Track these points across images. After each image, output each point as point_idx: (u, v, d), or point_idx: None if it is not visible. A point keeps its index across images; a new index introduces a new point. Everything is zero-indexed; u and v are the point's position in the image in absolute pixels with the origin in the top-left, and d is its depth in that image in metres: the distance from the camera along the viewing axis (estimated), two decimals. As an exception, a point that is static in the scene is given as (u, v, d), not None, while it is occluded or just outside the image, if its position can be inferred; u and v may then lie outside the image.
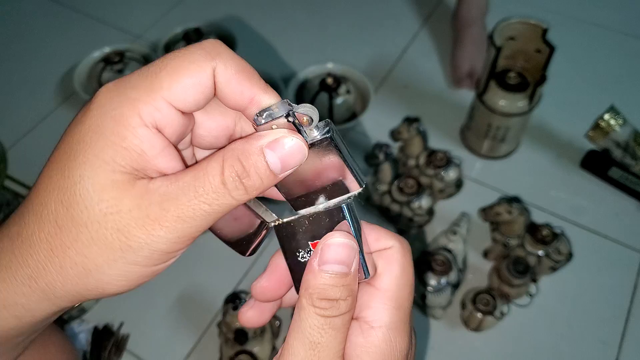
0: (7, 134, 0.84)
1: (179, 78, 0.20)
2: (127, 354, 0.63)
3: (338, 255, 0.21)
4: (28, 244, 0.20)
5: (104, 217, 0.19)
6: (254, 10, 1.03)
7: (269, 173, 0.20)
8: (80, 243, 0.20)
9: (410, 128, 0.72)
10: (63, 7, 1.04)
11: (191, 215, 0.19)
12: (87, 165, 0.19)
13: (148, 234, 0.19)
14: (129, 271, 0.20)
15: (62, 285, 0.20)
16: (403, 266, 0.23)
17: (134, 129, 0.20)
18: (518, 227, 0.66)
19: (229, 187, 0.20)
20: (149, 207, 0.19)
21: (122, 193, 0.19)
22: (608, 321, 0.65)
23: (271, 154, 0.20)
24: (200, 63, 0.20)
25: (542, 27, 0.67)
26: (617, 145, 0.71)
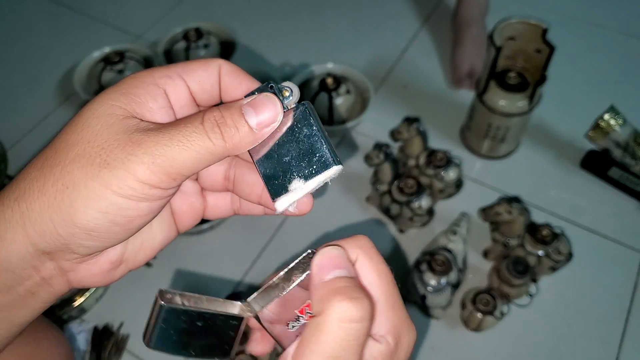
0: (8, 134, 0.84)
1: (191, 64, 0.24)
2: (127, 354, 0.63)
3: (336, 263, 0.21)
4: (24, 172, 0.22)
5: (94, 137, 0.21)
6: (254, 10, 1.03)
7: (245, 125, 0.22)
8: (67, 160, 0.21)
9: (410, 128, 0.72)
10: (63, 7, 1.04)
11: (168, 143, 0.21)
12: (96, 103, 0.23)
13: (127, 153, 0.21)
14: (102, 197, 0.21)
15: (39, 207, 0.21)
16: (377, 270, 0.22)
17: (145, 83, 0.23)
18: (518, 227, 0.66)
19: (206, 128, 0.22)
20: (133, 133, 0.21)
21: (115, 122, 0.22)
22: (608, 321, 0.65)
23: (248, 109, 0.22)
24: (208, 59, 0.25)
25: (542, 27, 0.67)
26: (617, 145, 0.71)
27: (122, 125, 0.22)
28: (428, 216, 0.71)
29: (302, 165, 0.23)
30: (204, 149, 0.21)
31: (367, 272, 0.22)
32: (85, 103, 0.23)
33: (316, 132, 0.23)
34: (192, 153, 0.21)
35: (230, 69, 0.25)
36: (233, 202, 0.29)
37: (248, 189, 0.26)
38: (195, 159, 0.21)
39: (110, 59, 0.84)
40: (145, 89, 0.23)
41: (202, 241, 0.72)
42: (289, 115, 0.23)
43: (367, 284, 0.22)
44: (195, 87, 0.24)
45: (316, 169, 0.23)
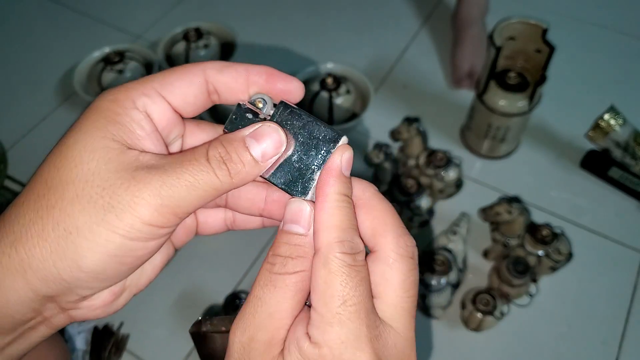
0: (7, 134, 0.84)
1: (170, 76, 0.22)
2: (127, 354, 0.63)
3: (294, 216, 0.22)
4: (17, 211, 0.21)
5: (92, 175, 0.20)
6: (254, 10, 1.03)
7: (250, 159, 0.22)
8: (65, 201, 0.20)
9: (410, 128, 0.72)
10: (63, 7, 1.04)
11: (176, 183, 0.20)
12: (82, 132, 0.21)
13: (132, 195, 0.20)
14: (109, 240, 0.20)
15: (40, 254, 0.20)
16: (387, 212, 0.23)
17: (126, 109, 0.21)
18: (518, 227, 0.66)
19: (212, 165, 0.21)
20: (136, 170, 0.20)
21: (112, 156, 0.20)
22: (608, 321, 0.65)
23: (251, 141, 0.22)
24: (189, 66, 0.23)
25: (542, 27, 0.67)
26: (617, 145, 0.71)
27: (121, 161, 0.20)
28: (428, 216, 0.71)
29: (313, 154, 0.23)
30: (210, 186, 0.21)
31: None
32: (86, 103, 0.22)
33: (307, 119, 0.23)
34: (199, 192, 0.21)
35: (218, 67, 0.23)
36: (226, 219, 0.28)
37: (248, 203, 0.26)
38: (202, 197, 0.21)
39: (110, 59, 0.84)
40: (128, 115, 0.21)
41: (202, 241, 0.72)
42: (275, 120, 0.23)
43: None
44: (177, 103, 0.23)
45: (327, 149, 0.23)
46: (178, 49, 0.86)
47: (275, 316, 0.20)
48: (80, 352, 0.63)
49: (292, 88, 0.23)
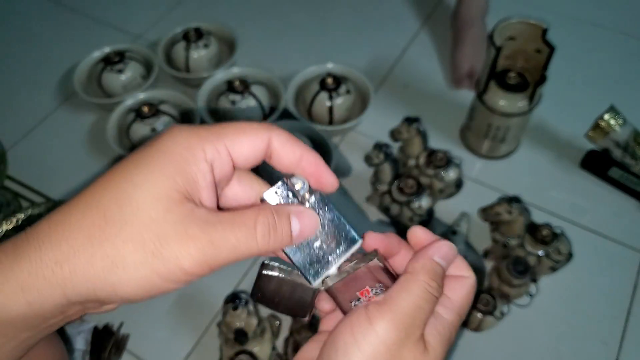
0: (7, 134, 0.84)
1: (241, 135, 0.25)
2: (127, 354, 0.63)
3: (447, 255, 0.27)
4: (68, 230, 0.22)
5: (151, 222, 0.22)
6: (254, 10, 1.03)
7: (289, 233, 0.25)
8: (119, 238, 0.22)
9: (410, 128, 0.72)
10: (63, 7, 1.04)
11: (221, 244, 0.22)
12: (150, 176, 0.22)
13: (181, 248, 0.22)
14: (149, 279, 0.22)
15: (83, 275, 0.22)
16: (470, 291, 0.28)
17: (197, 159, 0.23)
18: (518, 227, 0.66)
19: (258, 233, 0.23)
20: (190, 225, 0.22)
21: (173, 207, 0.22)
22: (608, 321, 0.65)
23: (295, 220, 0.25)
24: (260, 130, 0.25)
25: (542, 27, 0.67)
26: (617, 145, 0.71)
27: (180, 212, 0.22)
28: (428, 216, 0.71)
29: (332, 246, 0.27)
30: (249, 251, 0.23)
31: (464, 289, 0.28)
32: (86, 103, 0.22)
33: (336, 214, 0.27)
34: (238, 254, 0.23)
35: (282, 138, 0.25)
36: None
37: (232, 202, 0.28)
38: (238, 258, 0.23)
39: (110, 59, 0.84)
40: (197, 166, 0.23)
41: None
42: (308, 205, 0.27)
43: (457, 292, 0.28)
44: (239, 160, 0.25)
45: (346, 247, 0.27)
46: (178, 49, 0.86)
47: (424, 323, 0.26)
48: (80, 353, 0.63)
49: (329, 184, 0.27)
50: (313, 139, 0.78)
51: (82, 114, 0.87)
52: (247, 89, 0.79)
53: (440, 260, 0.27)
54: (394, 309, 0.25)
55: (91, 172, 0.80)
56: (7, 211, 0.73)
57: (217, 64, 0.89)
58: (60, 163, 0.81)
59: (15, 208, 0.75)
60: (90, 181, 0.24)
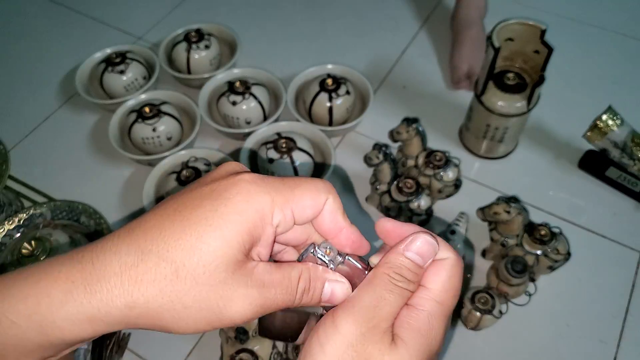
0: (9, 134, 0.84)
1: (306, 198, 0.26)
2: (128, 353, 0.64)
3: (421, 249, 0.27)
4: (141, 279, 0.23)
5: (218, 284, 0.23)
6: (255, 11, 1.03)
7: (319, 298, 0.26)
8: (188, 297, 0.23)
9: (409, 128, 0.73)
10: (64, 8, 1.04)
11: (270, 305, 0.25)
12: (222, 240, 0.23)
13: (242, 308, 0.24)
14: (200, 328, 0.24)
15: (149, 320, 0.23)
16: (451, 273, 0.27)
17: (265, 224, 0.25)
18: (516, 227, 0.66)
19: (297, 292, 0.26)
20: (252, 289, 0.24)
21: (238, 270, 0.24)
22: (606, 320, 0.66)
23: (329, 288, 0.26)
24: (321, 192, 0.26)
25: (540, 28, 0.68)
26: (615, 145, 0.72)
27: (243, 275, 0.24)
28: (427, 216, 0.72)
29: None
30: (284, 303, 0.25)
31: (443, 272, 0.27)
32: (87, 103, 0.23)
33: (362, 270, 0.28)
34: (275, 306, 0.25)
35: (333, 207, 0.27)
36: None
37: (293, 242, 0.30)
38: (273, 308, 0.25)
39: (111, 60, 0.84)
40: (265, 230, 0.25)
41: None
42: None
43: (435, 276, 0.27)
44: (299, 220, 0.27)
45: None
46: (179, 50, 0.87)
47: (394, 315, 0.26)
48: (82, 351, 0.63)
49: (364, 249, 0.29)
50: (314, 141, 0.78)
51: (83, 114, 0.88)
52: (248, 89, 0.80)
53: (413, 255, 0.26)
54: (355, 303, 0.25)
55: (92, 172, 0.80)
56: (9, 211, 0.73)
57: (218, 65, 0.90)
58: (62, 163, 0.82)
59: (17, 208, 0.75)
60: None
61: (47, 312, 0.23)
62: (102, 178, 0.79)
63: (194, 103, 0.82)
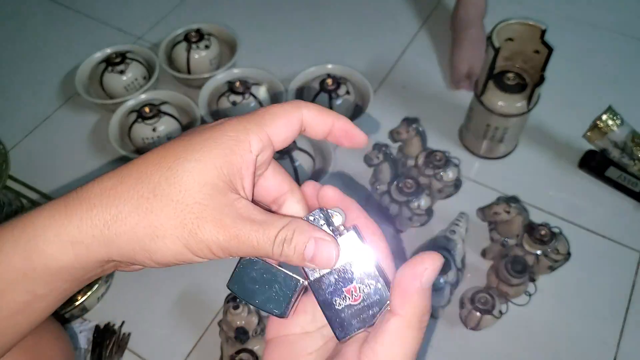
0: (9, 134, 0.84)
1: (278, 120, 0.26)
2: (128, 353, 0.64)
3: (433, 277, 0.25)
4: (119, 198, 0.24)
5: (194, 204, 0.24)
6: (255, 11, 1.03)
7: (301, 254, 0.25)
8: (164, 213, 0.24)
9: (409, 128, 0.73)
10: (65, 8, 1.04)
11: (244, 241, 0.24)
12: (201, 164, 0.24)
13: (214, 231, 0.24)
14: (181, 251, 0.24)
15: (127, 239, 0.24)
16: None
17: (244, 152, 0.25)
18: (516, 227, 0.66)
19: (275, 242, 0.25)
20: (228, 215, 0.24)
21: (216, 195, 0.24)
22: (606, 320, 0.66)
23: (311, 245, 0.25)
24: (292, 110, 0.27)
25: (540, 28, 0.68)
26: (615, 145, 0.72)
27: (221, 201, 0.24)
28: (427, 216, 0.72)
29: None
30: (264, 253, 0.25)
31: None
32: (87, 103, 0.24)
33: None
34: (254, 252, 0.25)
35: (313, 113, 0.27)
36: None
37: (263, 191, 0.29)
38: (253, 254, 0.25)
39: (111, 60, 0.84)
40: (243, 158, 0.25)
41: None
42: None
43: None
44: (278, 143, 0.27)
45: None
46: (179, 50, 0.87)
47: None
48: (82, 351, 0.63)
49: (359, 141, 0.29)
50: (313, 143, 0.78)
51: (83, 114, 0.88)
52: (248, 89, 0.80)
53: (428, 285, 0.25)
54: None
55: (93, 172, 0.80)
56: (9, 210, 0.73)
57: (218, 65, 0.90)
58: (61, 163, 0.82)
59: (17, 208, 0.75)
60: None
61: (32, 236, 0.24)
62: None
63: (194, 103, 0.82)
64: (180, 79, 0.89)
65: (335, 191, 0.29)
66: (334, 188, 0.29)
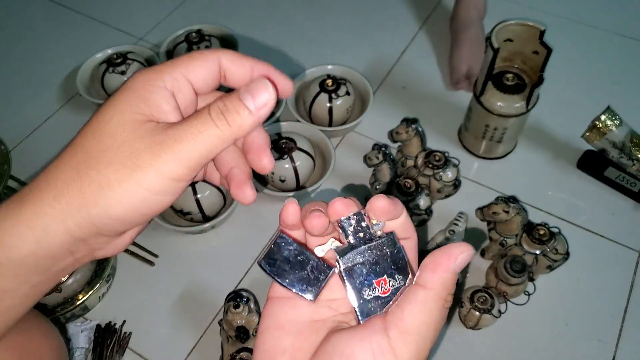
0: (11, 135, 0.85)
1: (193, 61, 0.27)
2: (129, 352, 0.64)
3: (464, 263, 0.26)
4: (60, 170, 0.25)
5: (123, 143, 0.24)
6: (255, 12, 1.04)
7: (244, 108, 0.25)
8: (101, 164, 0.24)
9: (408, 129, 0.73)
10: (66, 9, 1.05)
11: (184, 137, 0.24)
12: (117, 109, 0.25)
13: (153, 155, 0.24)
14: (135, 193, 0.24)
15: (78, 204, 0.24)
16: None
17: (157, 87, 0.26)
18: (515, 227, 0.67)
19: (213, 117, 0.25)
20: (155, 135, 0.24)
21: (139, 126, 0.24)
22: (605, 319, 0.66)
23: (245, 95, 0.26)
24: (208, 54, 0.27)
25: (539, 29, 0.68)
26: (614, 145, 0.72)
27: (145, 129, 0.24)
28: (426, 216, 0.72)
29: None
30: (213, 136, 0.25)
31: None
32: (88, 104, 0.24)
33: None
34: (205, 143, 0.24)
35: (230, 57, 0.27)
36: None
37: (219, 164, 0.30)
38: (208, 147, 0.25)
39: (112, 60, 0.85)
40: (158, 93, 0.25)
41: (204, 240, 0.73)
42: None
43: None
44: (198, 85, 0.27)
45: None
46: (180, 50, 0.87)
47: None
48: (83, 350, 0.63)
49: (285, 88, 0.29)
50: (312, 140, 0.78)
51: (84, 114, 0.88)
52: (248, 90, 0.80)
53: (459, 269, 0.25)
54: (411, 329, 0.24)
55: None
56: (11, 211, 0.74)
57: (218, 66, 0.90)
58: (63, 163, 0.82)
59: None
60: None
61: None
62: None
63: (195, 103, 0.82)
64: (180, 80, 0.89)
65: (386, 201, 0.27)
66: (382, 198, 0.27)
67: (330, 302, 0.28)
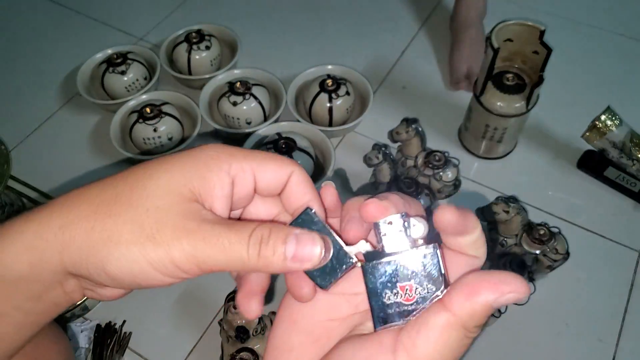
0: (11, 135, 0.85)
1: (268, 161, 0.25)
2: (129, 352, 0.64)
3: (507, 303, 0.22)
4: (79, 202, 0.23)
5: (155, 209, 0.22)
6: (255, 12, 1.04)
7: (281, 253, 0.23)
8: (121, 218, 0.22)
9: (408, 129, 0.73)
10: (66, 9, 1.05)
11: (213, 242, 0.22)
12: (169, 173, 0.23)
13: (174, 237, 0.22)
14: (137, 262, 0.22)
15: (80, 243, 0.23)
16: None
17: (219, 169, 0.24)
18: (515, 227, 0.67)
19: (250, 242, 0.23)
20: (192, 220, 0.23)
21: (180, 202, 0.23)
22: (605, 319, 0.66)
23: (292, 239, 0.23)
24: (286, 162, 0.26)
25: (539, 29, 0.68)
26: (614, 145, 0.72)
27: (183, 208, 0.23)
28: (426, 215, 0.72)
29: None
30: (237, 258, 0.23)
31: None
32: (89, 104, 0.23)
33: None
34: (227, 258, 0.22)
35: (300, 179, 0.26)
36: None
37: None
38: (228, 263, 0.23)
39: (112, 60, 0.85)
40: (218, 175, 0.24)
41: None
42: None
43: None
44: (261, 184, 0.25)
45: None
46: (180, 50, 0.87)
47: None
48: (83, 350, 0.63)
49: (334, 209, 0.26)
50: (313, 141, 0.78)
51: (85, 114, 0.88)
52: (249, 90, 0.80)
53: (498, 306, 0.21)
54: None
55: (94, 173, 0.81)
56: (11, 211, 0.74)
57: (219, 66, 0.90)
58: (63, 163, 0.82)
59: (19, 208, 0.75)
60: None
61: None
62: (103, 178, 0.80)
63: (195, 103, 0.82)
64: (181, 80, 0.89)
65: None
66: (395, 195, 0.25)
67: (349, 296, 0.25)
